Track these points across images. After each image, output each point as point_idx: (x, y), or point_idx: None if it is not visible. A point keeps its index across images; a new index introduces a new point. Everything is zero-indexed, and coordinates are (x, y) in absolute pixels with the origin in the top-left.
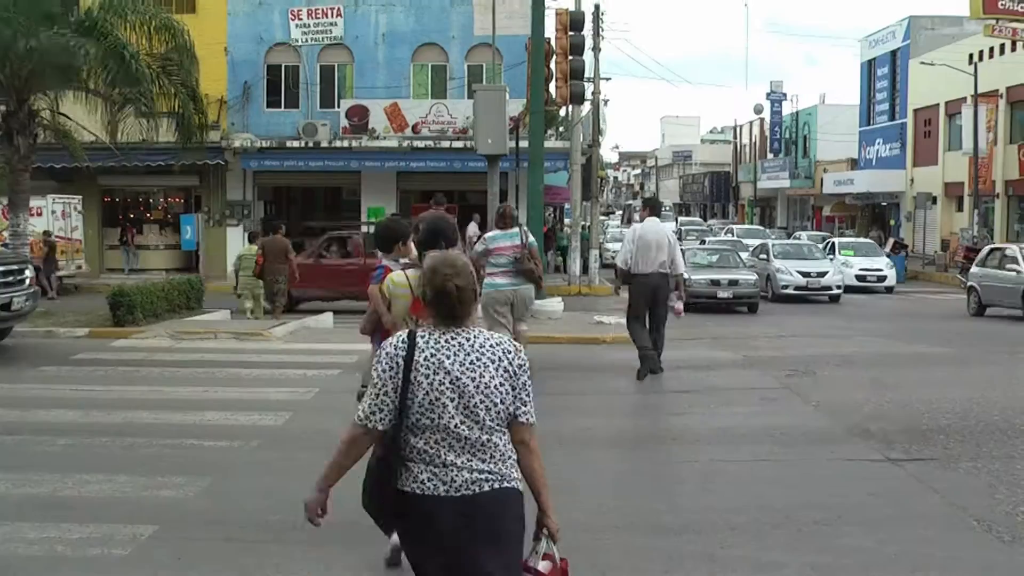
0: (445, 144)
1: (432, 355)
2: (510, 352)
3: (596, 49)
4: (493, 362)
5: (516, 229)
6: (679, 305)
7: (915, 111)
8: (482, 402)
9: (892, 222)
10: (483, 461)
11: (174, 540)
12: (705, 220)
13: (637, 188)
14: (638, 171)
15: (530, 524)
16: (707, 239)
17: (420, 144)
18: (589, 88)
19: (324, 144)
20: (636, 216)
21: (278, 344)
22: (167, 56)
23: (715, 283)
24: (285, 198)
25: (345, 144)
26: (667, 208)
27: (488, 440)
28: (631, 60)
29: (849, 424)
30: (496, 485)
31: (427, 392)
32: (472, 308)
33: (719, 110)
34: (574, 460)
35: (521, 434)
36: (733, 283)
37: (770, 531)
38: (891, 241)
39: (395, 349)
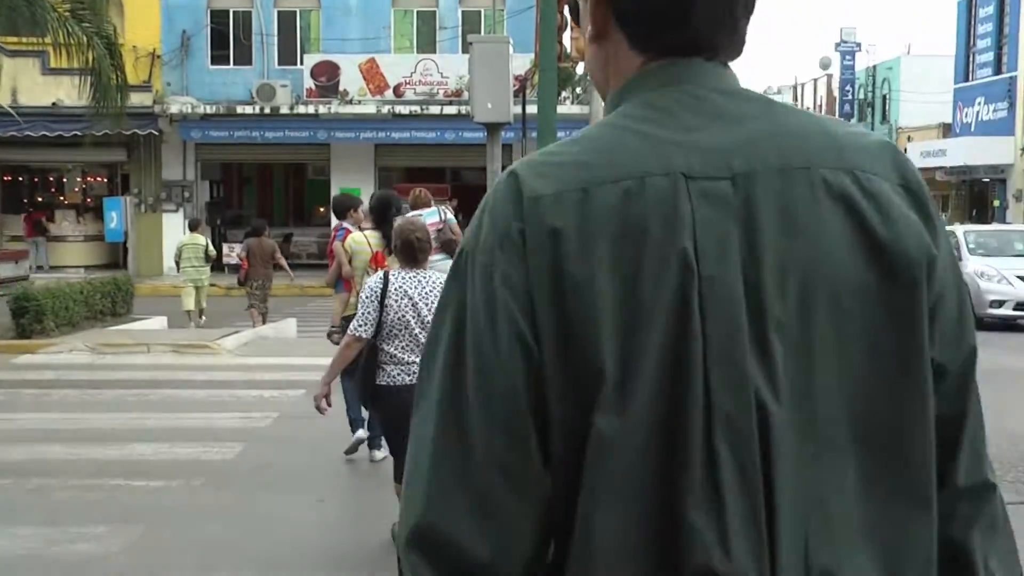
0: (434, 110)
1: (400, 287)
2: None
3: None
4: None
5: (434, 208)
6: None
7: None
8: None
9: (996, 202)
10: None
11: None
12: None
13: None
14: None
15: None
16: None
17: (404, 110)
18: None
19: (284, 110)
20: None
21: (228, 358)
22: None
23: None
24: (236, 177)
25: (310, 110)
26: None
27: None
28: None
29: None
30: None
31: (396, 311)
32: (427, 255)
33: (776, 65)
34: None
35: None
36: None
37: None
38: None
39: (375, 283)
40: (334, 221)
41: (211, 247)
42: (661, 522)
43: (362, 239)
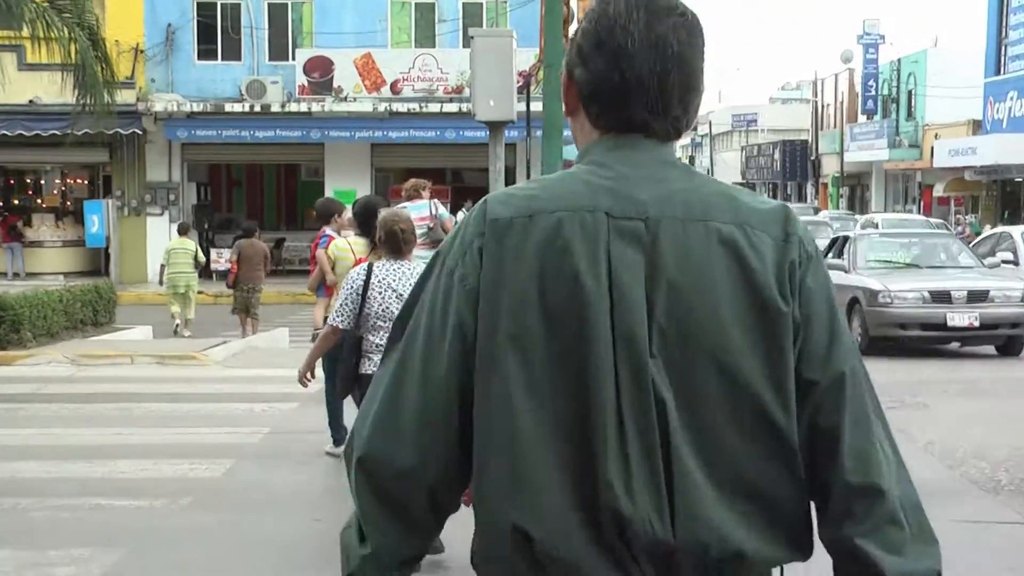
0: (434, 107)
1: (383, 279)
2: None
3: None
4: None
5: (426, 201)
6: None
7: None
8: None
9: None
10: None
11: None
12: None
13: (686, 162)
14: (687, 141)
15: None
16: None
17: (401, 108)
18: None
19: (275, 108)
20: None
21: (216, 370)
22: None
23: (940, 297)
24: (224, 179)
25: (303, 108)
26: None
27: None
28: None
29: (974, 473)
30: None
31: (380, 303)
32: (411, 246)
33: (793, 59)
34: None
35: None
36: (978, 297)
37: None
38: None
39: (357, 276)
40: None
41: (200, 252)
42: (581, 474)
43: (345, 246)
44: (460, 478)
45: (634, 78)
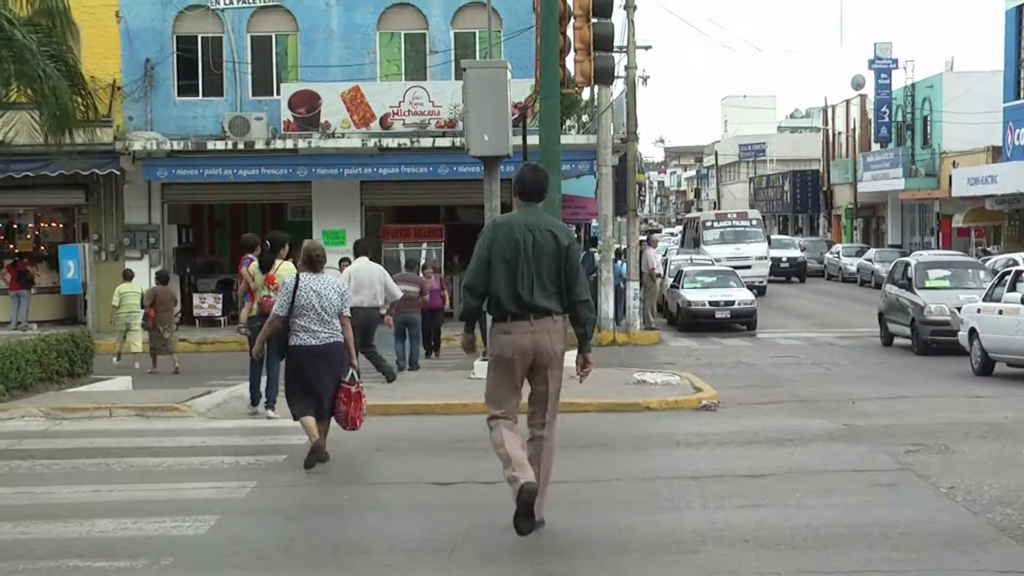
0: (426, 142)
1: (307, 284)
2: (341, 286)
3: (630, 7)
4: (333, 289)
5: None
6: (389, 318)
7: None
8: (327, 305)
9: None
10: (329, 330)
11: None
12: (789, 237)
13: (691, 196)
14: (692, 173)
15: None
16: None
17: (392, 143)
18: (621, 62)
19: (259, 145)
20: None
21: (199, 422)
22: (32, 21)
23: None
24: (207, 220)
25: (289, 145)
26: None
27: (331, 321)
28: (679, 21)
29: (1000, 520)
30: (335, 340)
31: (305, 299)
32: (324, 264)
33: (802, 86)
34: (604, 574)
35: (343, 321)
36: None
37: None
38: None
39: (290, 282)
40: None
41: (142, 294)
42: (513, 287)
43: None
44: (487, 290)
45: (526, 188)
